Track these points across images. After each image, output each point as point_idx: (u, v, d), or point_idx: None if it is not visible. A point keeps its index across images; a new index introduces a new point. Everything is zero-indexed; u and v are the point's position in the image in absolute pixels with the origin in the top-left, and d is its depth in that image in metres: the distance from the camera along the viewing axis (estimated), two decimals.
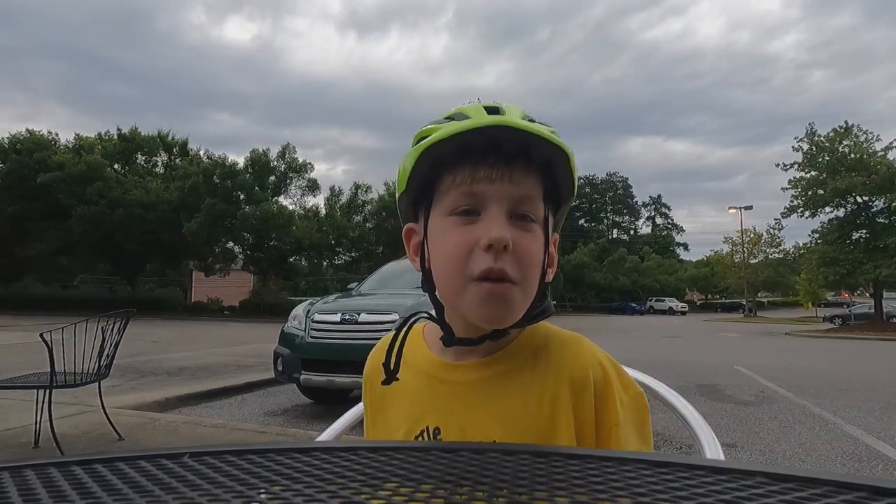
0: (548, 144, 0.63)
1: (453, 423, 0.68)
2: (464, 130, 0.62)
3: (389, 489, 0.31)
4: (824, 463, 4.04)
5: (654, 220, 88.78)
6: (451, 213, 0.64)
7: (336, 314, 5.19)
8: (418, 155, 0.65)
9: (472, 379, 0.69)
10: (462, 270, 0.62)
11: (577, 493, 0.29)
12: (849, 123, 23.59)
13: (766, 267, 40.44)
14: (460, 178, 0.64)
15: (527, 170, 0.64)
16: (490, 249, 0.61)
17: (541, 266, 0.65)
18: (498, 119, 0.62)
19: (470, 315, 0.64)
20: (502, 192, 0.63)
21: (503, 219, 0.62)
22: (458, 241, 0.63)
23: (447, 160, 0.64)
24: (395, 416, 0.74)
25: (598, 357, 0.69)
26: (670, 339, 17.77)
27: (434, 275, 0.67)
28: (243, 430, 4.29)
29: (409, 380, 0.72)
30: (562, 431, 0.65)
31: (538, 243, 0.65)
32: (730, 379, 8.04)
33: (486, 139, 0.62)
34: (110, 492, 0.30)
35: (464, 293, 0.63)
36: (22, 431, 4.01)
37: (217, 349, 10.67)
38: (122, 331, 4.05)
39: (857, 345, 16.58)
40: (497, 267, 0.60)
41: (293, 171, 31.98)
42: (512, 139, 0.62)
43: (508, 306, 0.62)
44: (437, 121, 0.67)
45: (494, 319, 0.63)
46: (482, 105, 0.65)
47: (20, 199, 27.68)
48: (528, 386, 0.67)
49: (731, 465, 0.33)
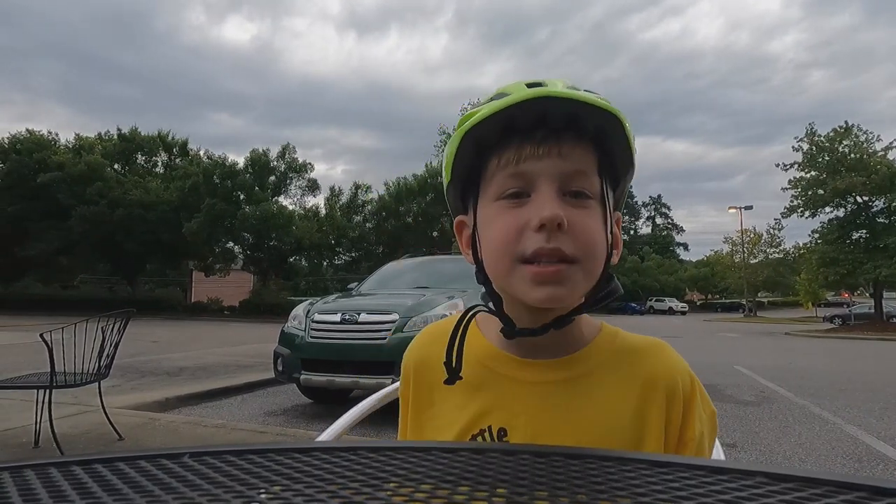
0: (598, 111, 0.58)
1: (523, 426, 0.63)
2: (505, 107, 0.58)
3: (389, 489, 0.31)
4: (824, 463, 4.04)
5: (654, 220, 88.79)
6: (499, 197, 0.60)
7: (336, 314, 5.19)
8: (460, 139, 0.61)
9: (545, 379, 0.64)
10: (512, 253, 0.58)
11: (577, 493, 0.29)
12: (849, 123, 23.61)
13: (766, 267, 40.44)
14: (505, 158, 0.60)
15: (577, 142, 0.59)
16: (542, 230, 0.56)
17: (604, 244, 0.60)
18: (539, 91, 0.57)
19: (525, 297, 0.59)
20: (552, 168, 0.58)
21: (555, 196, 0.58)
22: (507, 224, 0.59)
23: (491, 142, 0.61)
24: (446, 411, 0.68)
25: (685, 367, 0.66)
26: (670, 339, 17.63)
27: (486, 264, 0.62)
28: (243, 430, 4.29)
29: (465, 372, 0.65)
30: (648, 441, 0.62)
31: (596, 220, 0.59)
32: (730, 379, 8.04)
33: (531, 114, 0.58)
34: (110, 492, 0.30)
35: (512, 275, 0.59)
36: (22, 431, 4.01)
37: (217, 349, 10.67)
38: (122, 331, 4.05)
39: (857, 345, 16.58)
40: (549, 247, 0.56)
41: (293, 171, 31.99)
42: (558, 110, 0.57)
43: (565, 287, 0.58)
44: (478, 103, 0.63)
45: (551, 299, 0.58)
46: (524, 82, 0.61)
47: (20, 199, 27.69)
48: (608, 391, 0.63)
49: (731, 465, 0.33)
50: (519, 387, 0.64)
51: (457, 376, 0.64)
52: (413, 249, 25.89)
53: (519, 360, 0.65)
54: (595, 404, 0.63)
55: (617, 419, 0.62)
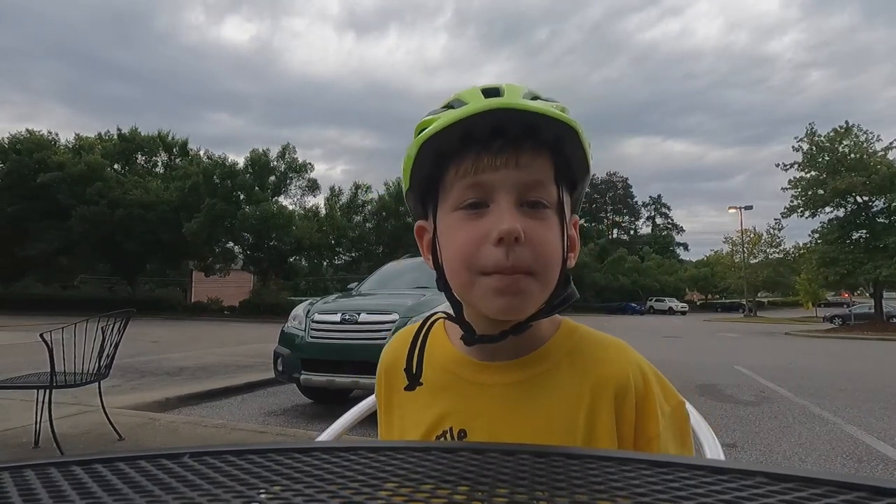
0: (553, 122, 0.58)
1: (481, 427, 0.64)
2: (462, 118, 0.58)
3: (389, 489, 0.31)
4: (824, 463, 4.04)
5: (654, 220, 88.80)
6: (458, 207, 0.61)
7: (336, 314, 5.19)
8: (417, 149, 0.62)
9: (503, 381, 0.65)
10: (471, 266, 0.59)
11: (577, 493, 0.29)
12: (849, 123, 23.60)
13: (766, 267, 40.44)
14: (463, 169, 0.60)
15: (535, 152, 0.60)
16: (500, 243, 0.57)
17: (559, 253, 0.61)
18: (497, 102, 0.58)
19: (483, 308, 0.60)
20: (509, 179, 0.59)
21: (512, 208, 0.59)
22: (466, 237, 0.59)
23: (449, 151, 0.61)
24: (413, 413, 0.70)
25: (639, 364, 0.66)
26: (670, 339, 17.77)
27: (446, 272, 0.63)
28: (243, 430, 4.29)
29: (430, 376, 0.68)
30: (601, 441, 0.62)
31: (554, 230, 0.61)
32: (730, 379, 8.04)
33: (488, 124, 0.58)
34: (110, 492, 0.30)
35: (473, 288, 0.60)
36: (22, 431, 4.01)
37: (217, 349, 10.67)
38: (122, 331, 4.05)
39: (857, 345, 16.58)
40: (508, 263, 0.57)
41: (293, 171, 32.00)
42: (515, 120, 0.58)
43: (523, 298, 0.59)
44: (435, 110, 0.63)
45: (508, 311, 0.59)
46: (480, 88, 0.61)
47: (20, 199, 27.69)
48: (564, 390, 0.64)
49: (731, 465, 0.33)
50: (479, 389, 0.66)
51: (416, 382, 0.66)
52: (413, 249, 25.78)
53: (478, 363, 0.67)
54: (551, 403, 0.63)
55: (571, 418, 0.63)
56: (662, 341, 16.57)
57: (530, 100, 0.60)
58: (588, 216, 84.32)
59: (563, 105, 0.62)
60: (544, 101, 0.61)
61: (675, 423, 0.65)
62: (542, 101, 0.61)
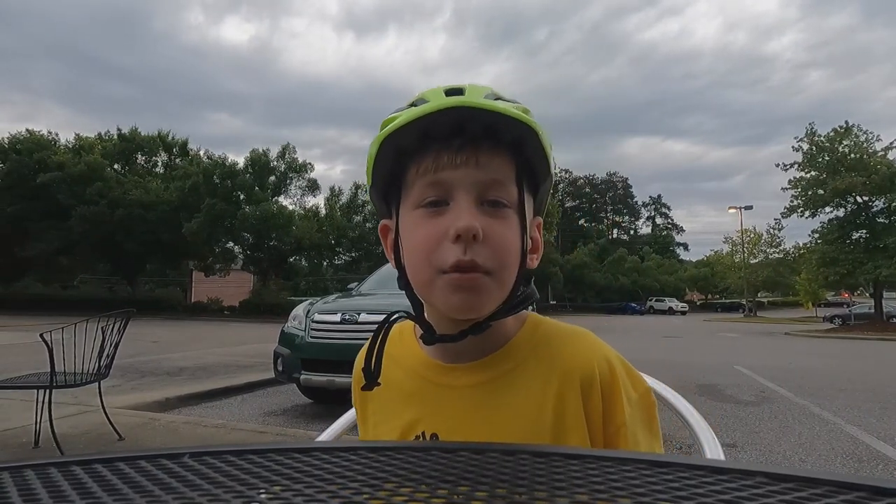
0: (513, 122, 0.59)
1: (451, 429, 0.65)
2: (422, 116, 0.59)
3: (389, 489, 0.31)
4: (824, 463, 4.04)
5: (654, 220, 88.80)
6: (419, 205, 0.61)
7: (336, 314, 5.19)
8: (378, 145, 0.62)
9: (469, 383, 0.65)
10: (431, 264, 0.59)
11: (577, 493, 0.29)
12: (849, 123, 23.61)
13: (766, 267, 40.44)
14: (424, 167, 0.61)
15: (495, 151, 0.60)
16: (459, 240, 0.58)
17: (518, 253, 0.62)
18: (457, 100, 0.58)
19: (441, 307, 0.61)
20: (468, 178, 0.60)
21: (472, 207, 0.59)
22: (426, 234, 0.60)
23: (410, 149, 0.61)
24: (386, 417, 0.71)
25: (604, 352, 0.66)
26: (670, 339, 17.78)
27: (407, 271, 0.64)
28: (243, 430, 4.29)
29: (402, 380, 0.69)
30: (570, 433, 0.62)
31: (512, 229, 0.61)
32: (730, 379, 8.04)
33: (448, 122, 0.59)
34: (110, 492, 0.30)
35: (433, 285, 0.60)
36: (22, 431, 4.01)
37: (217, 349, 10.67)
38: (122, 331, 4.05)
39: (857, 345, 16.58)
40: (466, 259, 0.57)
41: (293, 171, 32.00)
42: (475, 120, 0.58)
43: (479, 296, 0.59)
44: (400, 108, 0.64)
45: (465, 309, 0.60)
46: (443, 88, 0.62)
47: (20, 199, 27.69)
48: (530, 386, 0.64)
49: (731, 465, 0.33)
50: (447, 392, 0.66)
51: (374, 382, 0.66)
52: None
53: (445, 366, 0.67)
54: (518, 401, 0.64)
55: (538, 413, 0.63)
56: (662, 341, 16.57)
57: (493, 98, 0.60)
58: (588, 216, 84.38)
59: (525, 107, 0.62)
60: (506, 102, 0.61)
61: (643, 409, 0.65)
62: (505, 101, 0.61)
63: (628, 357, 0.69)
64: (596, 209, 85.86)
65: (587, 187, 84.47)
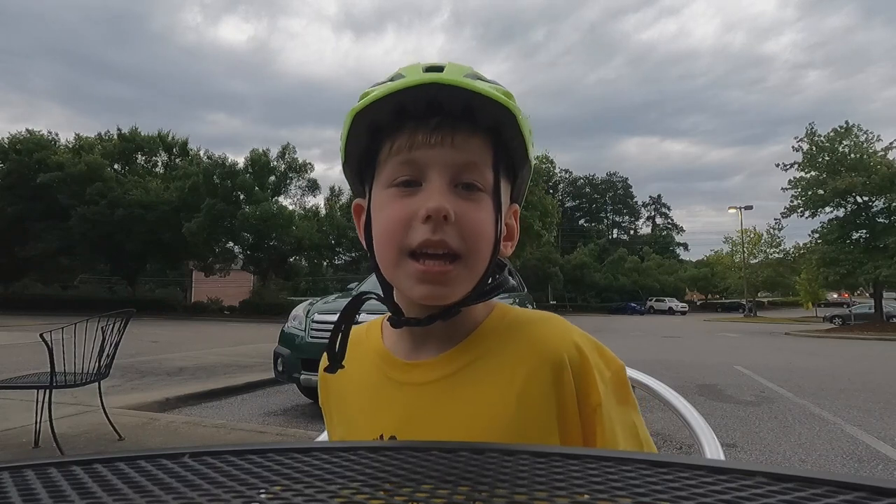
0: (492, 104, 0.56)
1: (412, 430, 0.62)
2: (396, 90, 0.56)
3: (389, 489, 0.31)
4: (824, 463, 4.04)
5: (654, 220, 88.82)
6: (391, 184, 0.59)
7: (336, 314, 5.15)
8: (351, 120, 0.60)
9: (432, 378, 0.63)
10: (399, 244, 0.58)
11: (577, 493, 0.29)
12: (849, 123, 23.61)
13: (766, 267, 40.44)
14: (398, 145, 0.58)
15: (472, 133, 0.58)
16: (429, 221, 0.56)
17: (491, 238, 0.59)
18: (433, 77, 0.56)
19: (407, 293, 0.59)
20: (443, 158, 0.57)
21: (444, 188, 0.57)
22: (396, 214, 0.58)
23: (384, 125, 0.59)
24: (352, 414, 0.69)
25: (571, 335, 0.62)
26: (670, 339, 17.77)
27: (375, 251, 0.62)
28: (243, 430, 4.29)
29: (360, 374, 0.67)
30: (536, 419, 0.59)
31: (486, 213, 0.59)
32: (730, 379, 8.04)
33: (425, 98, 0.56)
34: (110, 492, 0.30)
35: (399, 268, 0.59)
36: (22, 431, 4.01)
37: (217, 349, 10.67)
38: (122, 331, 4.05)
39: (857, 345, 16.58)
40: (435, 238, 0.56)
41: (293, 171, 32.00)
42: (453, 98, 0.56)
43: (447, 284, 0.58)
44: (378, 82, 0.61)
45: (432, 297, 0.58)
46: (422, 64, 0.59)
47: (20, 199, 27.70)
48: (494, 376, 0.61)
49: (731, 465, 0.33)
50: (407, 390, 0.64)
51: (338, 365, 0.64)
52: None
53: (405, 363, 0.65)
54: (481, 391, 0.61)
55: (502, 402, 0.60)
56: (662, 341, 16.57)
57: (472, 80, 0.58)
58: (588, 216, 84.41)
59: (507, 90, 0.60)
60: (486, 83, 0.58)
61: (616, 386, 0.62)
62: (485, 82, 0.59)
63: (628, 357, 0.68)
64: (596, 209, 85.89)
65: (587, 187, 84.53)
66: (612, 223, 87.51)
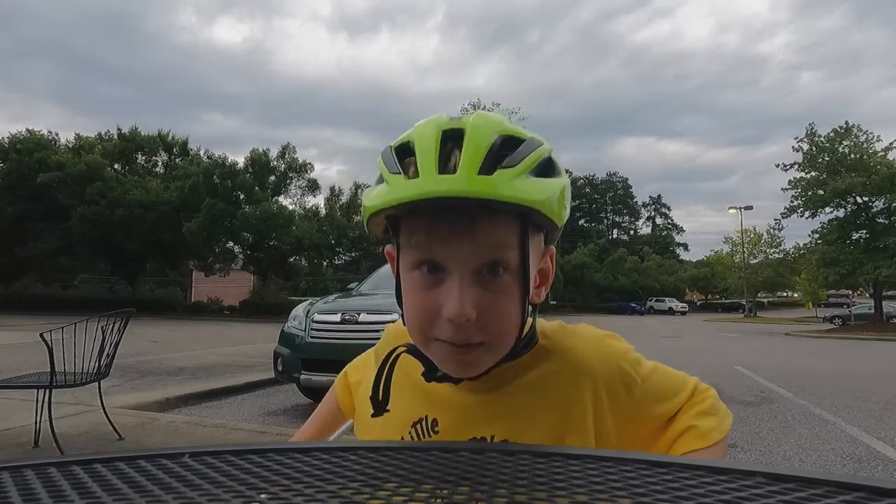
0: (510, 204, 0.53)
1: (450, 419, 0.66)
2: (409, 201, 0.54)
3: (389, 489, 0.31)
4: (824, 463, 4.04)
5: (654, 220, 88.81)
6: (415, 268, 0.59)
7: (336, 314, 5.19)
8: (367, 220, 0.60)
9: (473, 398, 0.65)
10: (425, 333, 0.59)
11: (577, 493, 0.29)
12: (849, 124, 23.61)
13: (767, 267, 40.43)
14: (415, 239, 0.58)
15: (494, 218, 0.55)
16: (451, 322, 0.56)
17: (517, 322, 0.60)
18: (447, 190, 0.53)
19: (438, 366, 0.62)
20: (463, 254, 0.56)
21: (465, 287, 0.56)
22: (421, 306, 0.58)
23: (400, 216, 0.58)
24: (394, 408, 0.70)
25: (602, 347, 0.68)
26: (670, 339, 17.77)
27: (405, 321, 0.62)
28: (243, 430, 4.29)
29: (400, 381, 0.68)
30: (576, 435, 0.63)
31: (511, 297, 0.58)
32: (730, 379, 8.04)
33: (437, 202, 0.53)
34: (110, 492, 0.30)
35: (429, 348, 0.60)
36: (22, 431, 4.01)
37: (217, 349, 10.67)
38: (122, 331, 4.05)
39: (857, 345, 16.58)
40: (459, 337, 0.57)
41: (293, 171, 32.00)
42: (467, 203, 0.53)
43: (474, 365, 0.60)
44: (388, 158, 0.58)
45: (461, 374, 0.61)
46: (441, 130, 0.56)
47: (20, 199, 27.69)
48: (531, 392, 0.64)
49: (731, 465, 0.33)
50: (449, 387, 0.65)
51: (384, 409, 0.65)
52: None
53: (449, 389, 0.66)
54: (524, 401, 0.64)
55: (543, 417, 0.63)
56: (662, 341, 16.57)
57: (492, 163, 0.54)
58: (588, 216, 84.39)
59: (537, 153, 0.57)
60: (506, 169, 0.54)
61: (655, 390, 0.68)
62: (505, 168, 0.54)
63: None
64: (596, 209, 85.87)
65: (587, 187, 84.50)
66: (612, 223, 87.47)
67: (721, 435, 0.67)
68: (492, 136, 0.56)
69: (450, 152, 0.55)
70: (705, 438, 0.65)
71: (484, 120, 0.58)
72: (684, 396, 0.69)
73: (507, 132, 0.57)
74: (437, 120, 0.58)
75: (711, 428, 0.66)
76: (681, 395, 0.69)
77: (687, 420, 0.67)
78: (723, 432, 0.68)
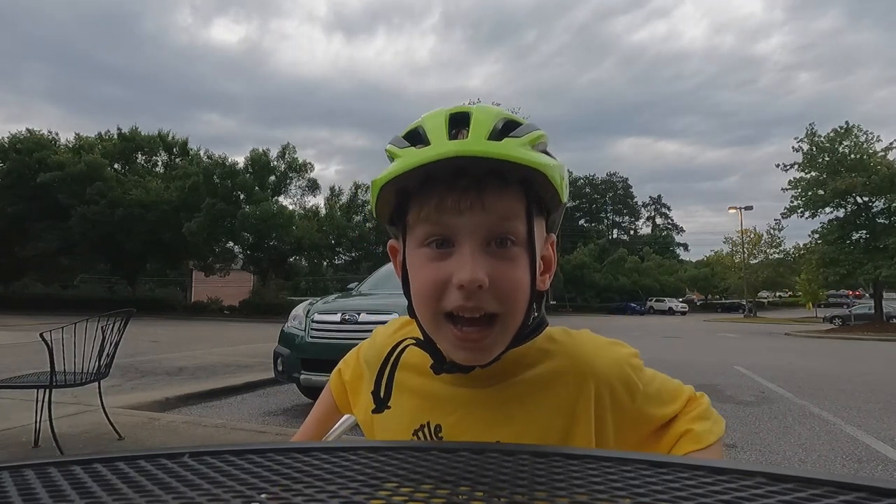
0: (519, 166, 0.56)
1: (454, 423, 0.66)
2: (422, 164, 0.56)
3: (389, 489, 0.31)
4: (824, 463, 4.04)
5: (654, 221, 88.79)
6: (423, 244, 0.60)
7: (336, 314, 5.19)
8: (378, 191, 0.60)
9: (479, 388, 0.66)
10: (436, 308, 0.59)
11: (577, 493, 0.29)
12: (849, 124, 23.61)
13: (767, 267, 40.42)
14: (426, 210, 0.58)
15: (502, 190, 0.58)
16: (462, 289, 0.56)
17: (527, 292, 0.60)
18: (457, 149, 0.55)
19: (447, 355, 0.61)
20: (473, 223, 0.57)
21: (476, 253, 0.57)
22: (430, 278, 0.59)
23: (411, 189, 0.59)
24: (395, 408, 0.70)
25: (615, 357, 0.68)
26: (670, 339, 17.77)
27: (413, 306, 0.63)
28: (243, 430, 4.29)
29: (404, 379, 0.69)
30: (581, 437, 0.64)
31: (521, 267, 0.59)
32: (730, 379, 8.04)
33: (450, 167, 0.56)
34: (110, 492, 0.30)
35: (438, 331, 0.60)
36: (22, 431, 4.01)
37: (217, 349, 10.67)
38: (122, 330, 4.05)
39: (857, 345, 16.58)
40: (470, 304, 0.57)
41: (293, 171, 32.00)
42: (478, 165, 0.55)
43: (486, 349, 0.59)
44: (398, 140, 0.61)
45: (472, 360, 0.60)
46: (446, 116, 0.59)
47: (20, 199, 27.66)
48: (538, 394, 0.65)
49: (731, 465, 0.33)
50: (453, 389, 0.66)
51: (385, 406, 0.65)
52: None
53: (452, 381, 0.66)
54: (528, 408, 0.64)
55: (548, 420, 0.64)
56: (663, 341, 16.57)
57: (499, 134, 0.57)
58: (588, 216, 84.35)
59: (538, 133, 0.60)
60: (513, 139, 0.57)
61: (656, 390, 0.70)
62: (511, 138, 0.57)
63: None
64: (596, 209, 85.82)
65: (587, 187, 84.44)
66: (612, 223, 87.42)
67: (716, 437, 0.68)
68: (495, 117, 0.59)
69: (458, 131, 0.58)
70: (701, 441, 0.67)
71: (486, 107, 0.61)
72: (681, 403, 0.71)
73: (508, 117, 0.60)
74: (442, 109, 0.61)
75: (706, 430, 0.68)
76: (678, 402, 0.71)
77: (683, 424, 0.69)
78: (717, 435, 0.69)
